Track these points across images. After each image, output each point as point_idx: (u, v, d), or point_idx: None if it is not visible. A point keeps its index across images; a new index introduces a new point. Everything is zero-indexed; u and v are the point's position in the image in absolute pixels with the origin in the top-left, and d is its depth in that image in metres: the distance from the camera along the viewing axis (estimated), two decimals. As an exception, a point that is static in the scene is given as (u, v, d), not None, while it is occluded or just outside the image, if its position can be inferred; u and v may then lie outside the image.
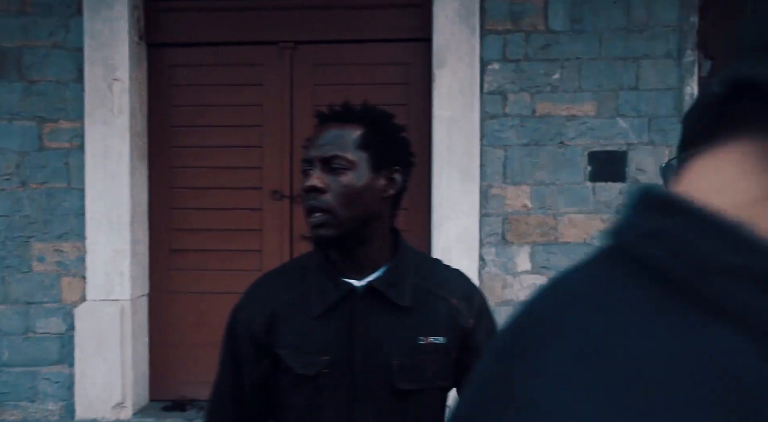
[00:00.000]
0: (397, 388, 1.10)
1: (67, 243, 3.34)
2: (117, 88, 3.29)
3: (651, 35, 3.25)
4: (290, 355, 1.11)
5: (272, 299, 1.16)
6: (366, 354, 1.10)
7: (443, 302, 1.16)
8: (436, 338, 1.13)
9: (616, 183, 3.27)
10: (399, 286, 1.13)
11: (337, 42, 3.45)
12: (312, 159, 1.10)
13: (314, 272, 1.15)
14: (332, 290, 1.12)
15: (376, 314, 1.12)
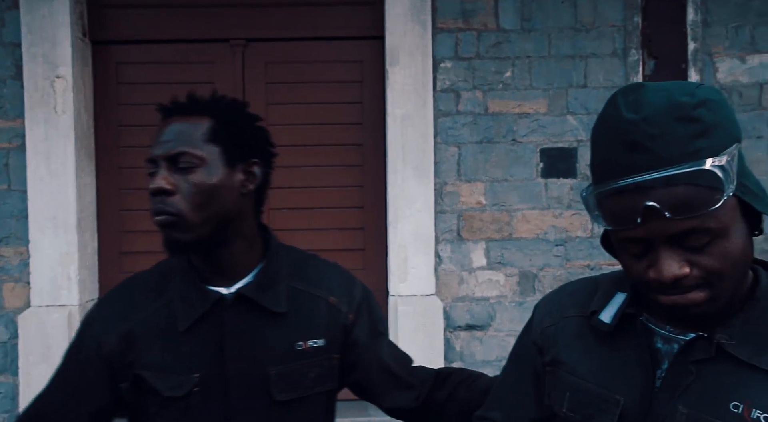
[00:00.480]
0: (276, 399, 1.03)
1: (9, 247, 3.21)
2: (59, 86, 3.17)
3: (597, 34, 3.34)
4: (155, 376, 1.00)
5: (129, 313, 1.04)
6: (240, 367, 1.02)
7: (321, 302, 1.10)
8: (314, 341, 1.07)
9: (568, 179, 3.34)
10: (272, 290, 1.05)
11: (290, 40, 3.41)
12: (156, 158, 1.00)
13: (177, 281, 1.05)
14: (198, 301, 1.02)
15: (249, 323, 1.04)
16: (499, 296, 3.34)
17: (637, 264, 0.76)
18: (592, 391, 0.85)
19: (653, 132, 0.70)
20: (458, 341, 3.33)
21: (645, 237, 0.73)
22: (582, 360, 0.89)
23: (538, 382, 0.97)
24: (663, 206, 0.70)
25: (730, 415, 0.74)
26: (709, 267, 0.73)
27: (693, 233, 0.71)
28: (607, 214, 0.76)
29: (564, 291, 1.00)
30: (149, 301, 1.05)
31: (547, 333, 0.96)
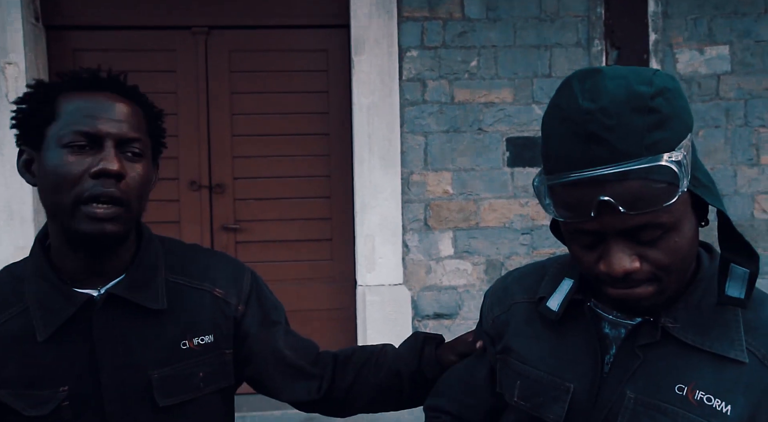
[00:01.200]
0: (160, 405, 0.94)
1: (-38, 242, 3.09)
2: (11, 72, 3.05)
3: (561, 25, 3.37)
4: (13, 395, 0.89)
5: None
6: (116, 374, 0.92)
7: (206, 295, 1.01)
8: (201, 338, 0.98)
9: (534, 168, 3.38)
10: (148, 287, 0.96)
11: (254, 28, 3.36)
12: (102, 135, 0.88)
13: (35, 284, 0.92)
14: (61, 306, 0.91)
15: (124, 326, 0.94)
16: (466, 285, 3.37)
17: (588, 255, 0.76)
18: (542, 379, 0.86)
19: (610, 124, 0.69)
20: (426, 330, 3.35)
21: (598, 230, 0.73)
22: (531, 348, 0.89)
23: (490, 372, 0.98)
24: (617, 200, 0.69)
25: (675, 397, 0.76)
26: (658, 262, 0.73)
27: (646, 228, 0.71)
28: (559, 204, 0.75)
29: (511, 276, 1.00)
30: (2, 308, 0.92)
31: (498, 321, 0.96)
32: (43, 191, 0.90)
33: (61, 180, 0.87)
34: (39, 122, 0.90)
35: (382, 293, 3.26)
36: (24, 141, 0.93)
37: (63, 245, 0.93)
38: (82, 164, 0.87)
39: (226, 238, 3.38)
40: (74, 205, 0.87)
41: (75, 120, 0.88)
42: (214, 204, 3.37)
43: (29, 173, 0.93)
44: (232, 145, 3.37)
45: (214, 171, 3.36)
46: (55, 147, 0.88)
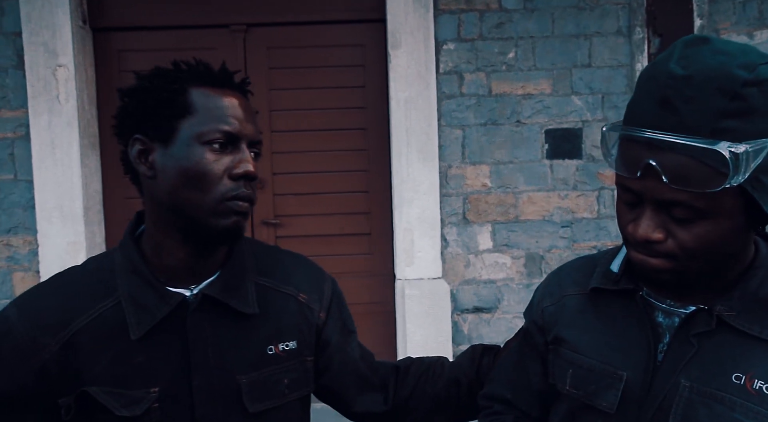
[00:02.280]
0: (250, 411, 0.91)
1: (17, 237, 3.23)
2: (62, 74, 3.16)
3: (601, 13, 3.30)
4: (106, 393, 0.85)
5: (70, 316, 0.87)
6: (207, 378, 0.90)
7: (291, 300, 0.99)
8: (286, 343, 0.96)
9: (573, 160, 3.32)
10: (239, 289, 0.93)
11: (291, 24, 3.39)
12: (240, 136, 0.88)
13: (127, 279, 0.89)
14: (155, 304, 0.88)
15: (216, 328, 0.91)
16: (505, 279, 3.34)
17: (626, 214, 0.78)
18: (594, 367, 0.86)
19: (689, 95, 0.68)
20: (466, 324, 3.35)
21: (639, 192, 0.74)
22: (584, 337, 0.89)
23: (542, 361, 0.98)
24: (663, 169, 0.70)
25: (733, 387, 0.75)
26: (683, 243, 0.73)
27: (681, 206, 0.71)
28: (618, 156, 0.77)
29: (562, 271, 1.01)
30: (93, 302, 0.88)
31: (548, 312, 0.97)
32: (168, 187, 0.87)
33: (203, 178, 0.85)
34: (171, 113, 0.86)
35: (421, 287, 3.27)
36: (146, 132, 0.88)
37: (167, 241, 0.90)
38: (222, 164, 0.86)
39: (266, 233, 3.44)
40: (218, 202, 0.86)
41: (216, 118, 0.86)
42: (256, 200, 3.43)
43: (144, 164, 0.89)
44: (271, 141, 3.42)
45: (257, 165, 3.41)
46: (192, 143, 0.85)
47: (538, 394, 0.99)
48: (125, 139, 0.91)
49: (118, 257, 0.92)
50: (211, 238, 0.89)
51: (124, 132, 0.91)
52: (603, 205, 3.34)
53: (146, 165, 0.89)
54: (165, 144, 0.87)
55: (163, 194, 0.88)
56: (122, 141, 0.92)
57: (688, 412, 0.76)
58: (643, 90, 0.74)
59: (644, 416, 0.80)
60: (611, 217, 3.33)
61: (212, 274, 0.94)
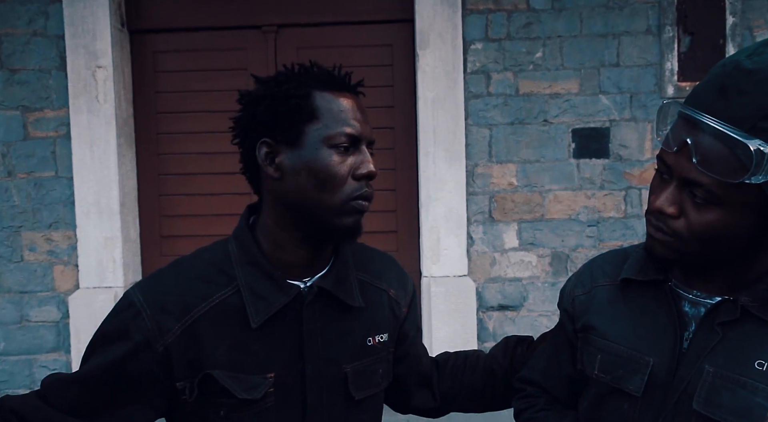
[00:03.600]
0: (354, 398, 0.97)
1: (58, 232, 3.36)
2: (101, 75, 3.28)
3: (630, 12, 3.28)
4: (228, 377, 0.89)
5: (192, 302, 0.91)
6: (318, 366, 0.94)
7: (383, 295, 1.04)
8: (381, 336, 1.02)
9: (600, 159, 3.32)
10: (346, 284, 0.98)
11: (320, 25, 3.45)
12: (360, 137, 0.94)
13: (246, 270, 0.93)
14: (275, 295, 0.92)
15: (326, 320, 0.96)
16: (531, 277, 3.36)
17: (656, 187, 0.83)
18: (622, 353, 0.90)
19: (745, 89, 0.72)
20: (491, 321, 3.37)
21: (670, 165, 0.79)
22: (613, 325, 0.93)
23: (571, 347, 1.03)
24: (696, 149, 0.74)
25: (755, 372, 0.78)
26: (692, 224, 0.78)
27: (701, 187, 0.75)
28: (669, 129, 0.81)
29: (594, 263, 1.05)
30: (213, 289, 0.92)
31: (578, 301, 1.01)
32: (295, 187, 0.91)
33: (332, 179, 0.90)
34: (299, 118, 0.90)
35: (446, 285, 3.31)
36: (273, 136, 0.92)
37: (287, 237, 0.94)
38: (347, 165, 0.91)
39: (295, 229, 3.51)
40: (345, 202, 0.91)
41: (341, 121, 0.91)
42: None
43: (271, 166, 0.92)
44: (301, 139, 3.48)
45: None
46: (320, 146, 0.90)
47: (567, 379, 1.03)
48: (251, 142, 0.94)
49: (234, 248, 0.95)
50: (334, 236, 0.93)
51: (249, 136, 0.94)
52: (630, 204, 3.33)
53: (273, 167, 0.92)
54: (293, 147, 0.90)
55: (289, 194, 0.91)
56: (246, 144, 0.95)
57: (711, 396, 0.80)
58: (711, 75, 0.79)
59: (669, 400, 0.84)
60: (638, 216, 3.32)
61: (322, 268, 0.98)
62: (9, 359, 3.38)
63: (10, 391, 3.38)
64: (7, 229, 3.35)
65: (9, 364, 3.38)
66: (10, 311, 3.36)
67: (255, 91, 0.95)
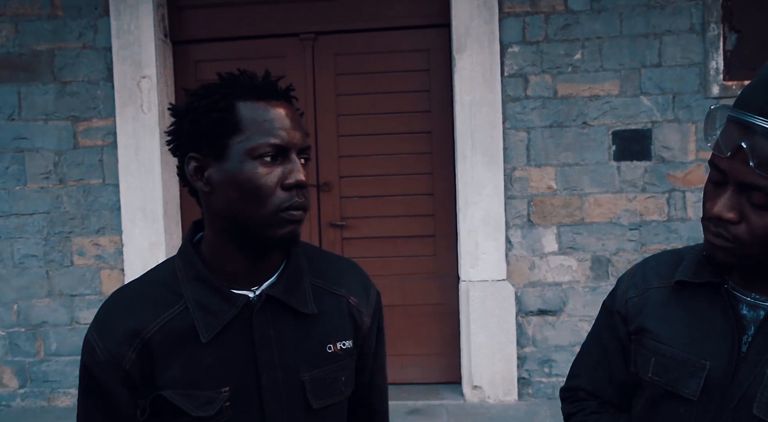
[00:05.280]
0: (314, 407, 0.95)
1: (105, 237, 3.47)
2: (145, 85, 3.38)
3: (673, 10, 3.21)
4: (180, 395, 0.89)
5: (139, 323, 0.90)
6: (274, 375, 0.93)
7: (343, 301, 1.01)
8: (343, 342, 0.99)
9: (642, 162, 3.25)
10: (298, 290, 0.96)
11: (357, 31, 3.49)
12: (289, 146, 0.90)
13: (192, 286, 0.92)
14: (222, 307, 0.91)
15: (279, 328, 0.94)
16: (571, 282, 3.31)
17: (711, 192, 0.82)
18: (677, 356, 0.89)
19: None
20: (530, 326, 3.34)
21: (724, 170, 0.78)
22: (667, 328, 0.92)
23: (623, 350, 1.01)
24: (753, 153, 0.74)
25: None
26: (754, 228, 0.76)
27: (760, 191, 0.74)
28: (719, 134, 0.81)
29: (647, 264, 1.03)
30: (162, 309, 0.92)
31: (631, 303, 0.99)
32: (224, 200, 0.90)
33: (257, 192, 0.87)
34: (222, 131, 0.88)
35: (485, 289, 3.29)
36: (199, 150, 0.91)
37: (226, 248, 0.93)
38: (274, 176, 0.88)
39: (333, 234, 3.55)
40: (274, 214, 0.88)
41: (265, 132, 0.88)
42: (321, 202, 3.54)
43: (201, 180, 0.91)
44: (338, 145, 3.52)
45: (321, 170, 3.53)
46: (244, 159, 0.87)
47: (619, 383, 1.02)
48: (181, 156, 0.93)
49: (179, 264, 0.95)
50: (268, 246, 0.93)
51: (178, 150, 0.94)
52: (674, 207, 3.25)
53: (202, 181, 0.91)
54: (219, 160, 0.89)
55: (220, 207, 0.90)
56: (178, 158, 0.95)
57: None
58: (761, 77, 0.78)
59: (728, 404, 0.82)
60: (681, 219, 3.24)
61: (271, 275, 0.96)
62: (61, 359, 3.51)
63: (61, 390, 3.51)
64: (58, 234, 3.48)
65: (60, 364, 3.51)
66: (61, 314, 3.49)
67: (180, 106, 0.93)
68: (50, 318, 3.50)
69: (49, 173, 3.47)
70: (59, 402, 3.51)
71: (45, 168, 3.47)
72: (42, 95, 3.45)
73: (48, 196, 3.48)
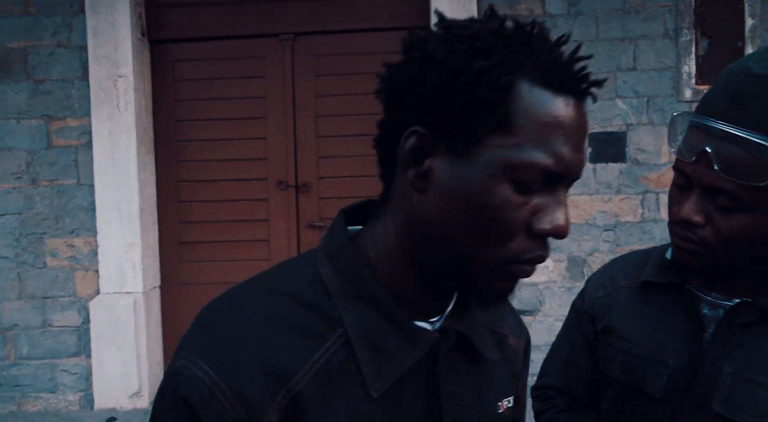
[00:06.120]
0: None
1: (79, 238, 3.42)
2: (122, 84, 3.34)
3: (647, 15, 3.27)
4: None
5: (285, 364, 0.58)
6: None
7: (504, 343, 0.75)
8: (509, 399, 0.73)
9: (617, 164, 3.30)
10: (477, 327, 0.69)
11: (337, 32, 3.48)
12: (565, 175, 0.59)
13: (355, 309, 0.61)
14: (402, 346, 0.61)
15: (462, 379, 0.67)
16: (547, 282, 3.35)
17: (676, 196, 0.84)
18: (642, 355, 0.91)
19: (758, 92, 0.73)
20: (507, 326, 3.36)
21: (689, 174, 0.79)
22: (633, 327, 0.94)
23: (591, 349, 1.03)
24: (717, 157, 0.75)
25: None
26: (720, 231, 0.78)
27: (725, 194, 0.76)
28: (682, 140, 0.82)
29: (616, 264, 1.05)
30: (311, 344, 0.60)
31: (599, 303, 1.01)
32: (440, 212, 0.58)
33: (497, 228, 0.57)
34: (483, 120, 0.55)
35: (462, 290, 3.30)
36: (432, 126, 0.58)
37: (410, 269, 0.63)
38: (525, 212, 0.57)
39: (311, 235, 3.54)
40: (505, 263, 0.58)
41: (543, 144, 0.55)
42: (300, 203, 3.53)
43: (415, 167, 0.59)
44: (317, 146, 3.52)
45: (300, 171, 3.52)
46: (497, 173, 0.55)
47: (588, 382, 1.04)
48: (394, 121, 0.61)
49: (329, 273, 0.63)
50: (470, 296, 0.64)
51: (396, 111, 0.61)
52: (647, 209, 3.30)
53: (417, 170, 0.59)
54: (457, 155, 0.57)
55: (428, 217, 0.59)
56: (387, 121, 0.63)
57: (730, 397, 0.81)
58: (720, 83, 0.79)
59: (690, 400, 0.85)
60: (655, 220, 3.29)
61: (447, 303, 0.67)
62: (32, 363, 3.44)
63: (32, 395, 3.44)
64: (30, 235, 3.42)
65: (31, 368, 3.44)
66: (33, 317, 3.43)
67: (428, 45, 0.59)
68: (21, 321, 3.43)
69: (21, 172, 3.41)
70: (30, 407, 3.44)
71: (17, 168, 3.41)
72: (15, 94, 3.38)
73: (20, 196, 3.41)
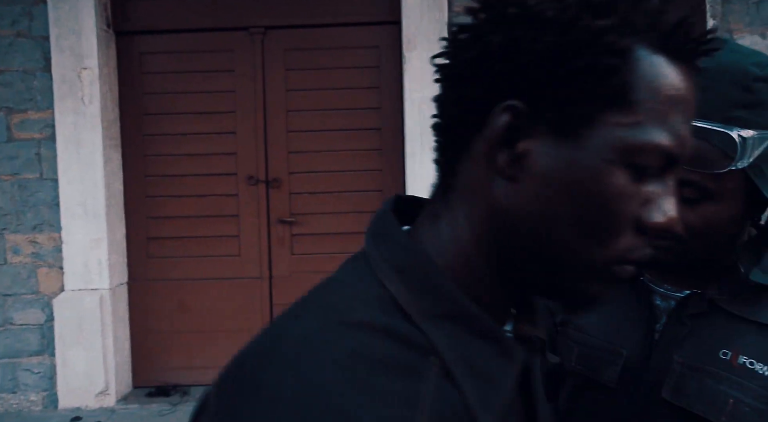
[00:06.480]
0: None
1: (42, 234, 3.33)
2: (86, 76, 3.26)
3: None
4: None
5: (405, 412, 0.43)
6: None
7: None
8: None
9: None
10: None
11: (307, 26, 3.46)
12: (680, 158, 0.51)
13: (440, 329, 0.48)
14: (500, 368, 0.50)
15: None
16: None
17: None
18: (597, 345, 0.94)
19: (706, 85, 0.74)
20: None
21: None
22: (588, 319, 0.97)
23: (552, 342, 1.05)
24: None
25: (720, 362, 0.83)
26: (687, 222, 0.79)
27: (690, 185, 0.78)
28: None
29: None
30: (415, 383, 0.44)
31: None
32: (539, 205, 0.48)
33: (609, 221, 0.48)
34: (596, 95, 0.46)
35: (433, 285, 3.32)
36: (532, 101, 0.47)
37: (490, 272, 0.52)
38: (636, 202, 0.48)
39: (282, 231, 3.51)
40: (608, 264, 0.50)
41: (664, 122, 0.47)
42: (270, 198, 3.50)
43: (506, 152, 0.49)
44: (288, 141, 3.49)
45: (270, 166, 3.49)
46: (614, 158, 0.46)
47: None
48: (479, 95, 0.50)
49: (400, 289, 0.49)
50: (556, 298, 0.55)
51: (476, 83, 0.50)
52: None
53: (509, 155, 0.49)
54: (562, 136, 0.47)
55: (521, 212, 0.49)
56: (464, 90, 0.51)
57: (679, 385, 0.84)
58: None
59: (641, 389, 0.88)
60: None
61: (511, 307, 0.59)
62: (-7, 362, 3.35)
63: (-6, 395, 3.35)
64: (-9, 231, 3.32)
65: (-7, 368, 3.35)
66: (-6, 315, 3.34)
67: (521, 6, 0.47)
68: (-18, 319, 3.33)
69: (-19, 166, 3.31)
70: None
71: (-23, 161, 3.31)
72: (-27, 85, 3.28)
73: (-20, 191, 3.31)
